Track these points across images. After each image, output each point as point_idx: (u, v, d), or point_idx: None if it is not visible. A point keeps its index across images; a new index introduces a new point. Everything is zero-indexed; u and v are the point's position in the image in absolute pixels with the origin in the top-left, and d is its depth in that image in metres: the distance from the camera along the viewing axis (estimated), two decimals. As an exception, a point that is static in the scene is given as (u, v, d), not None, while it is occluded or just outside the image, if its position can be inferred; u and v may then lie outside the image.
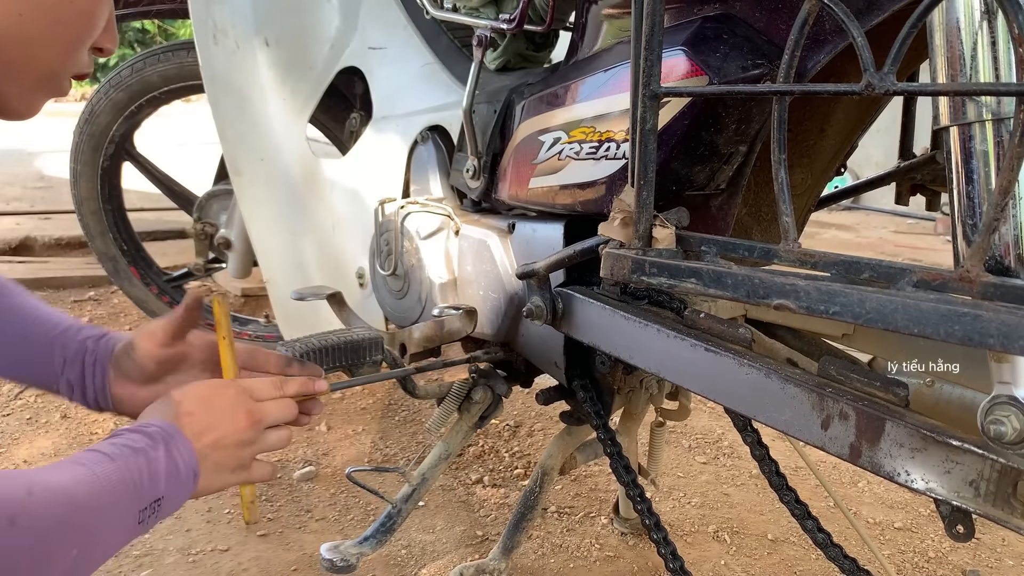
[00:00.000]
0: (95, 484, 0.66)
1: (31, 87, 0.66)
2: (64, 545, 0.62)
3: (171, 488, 0.73)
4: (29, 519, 0.59)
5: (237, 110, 1.85)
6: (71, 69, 0.68)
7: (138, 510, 0.69)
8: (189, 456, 0.75)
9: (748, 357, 0.81)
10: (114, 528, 0.67)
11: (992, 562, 1.70)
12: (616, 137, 1.02)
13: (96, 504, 0.65)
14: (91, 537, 0.64)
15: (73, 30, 0.65)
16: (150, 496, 0.70)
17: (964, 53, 0.67)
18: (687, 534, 1.74)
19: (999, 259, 0.66)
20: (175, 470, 0.74)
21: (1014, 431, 0.62)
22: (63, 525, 0.61)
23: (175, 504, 0.75)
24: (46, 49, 0.64)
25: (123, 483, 0.68)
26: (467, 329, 1.31)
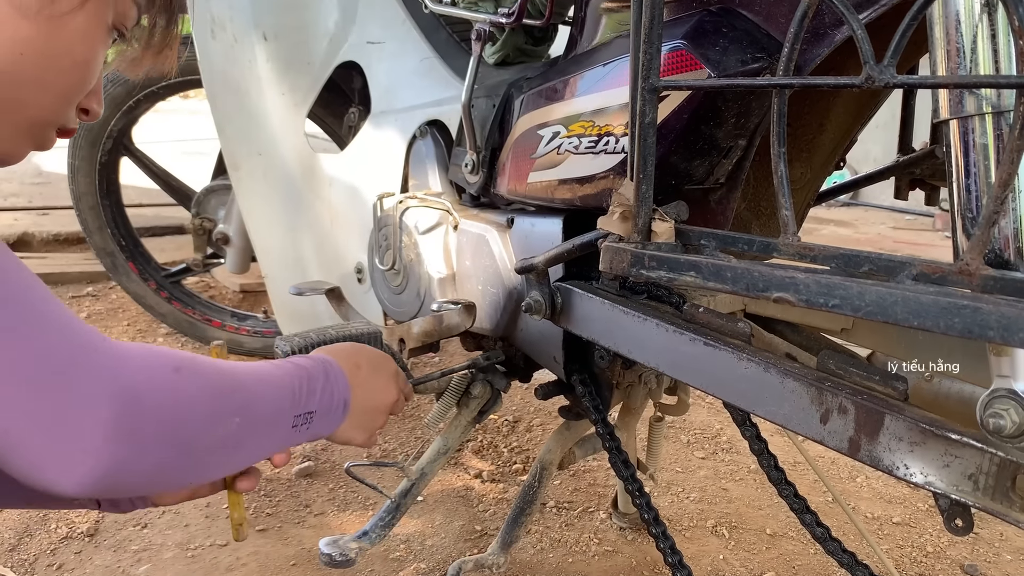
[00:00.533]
0: (258, 374, 0.73)
1: (18, 131, 0.67)
2: (226, 408, 0.67)
3: (323, 408, 0.81)
4: (192, 370, 0.65)
5: (235, 105, 1.85)
6: (58, 121, 0.69)
7: (293, 415, 0.76)
8: (345, 393, 0.84)
9: (747, 351, 0.81)
10: (272, 418, 0.74)
11: (990, 557, 1.70)
12: (615, 131, 1.02)
13: (256, 389, 0.72)
14: (251, 415, 0.70)
15: (67, 80, 0.67)
16: (305, 406, 0.78)
17: (964, 46, 0.67)
18: (686, 529, 1.74)
19: (999, 252, 0.66)
20: (329, 397, 0.82)
21: (1013, 424, 0.61)
22: (225, 390, 0.68)
23: (325, 427, 0.83)
24: (39, 94, 0.65)
25: (282, 386, 0.76)
26: (466, 324, 1.31)
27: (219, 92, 1.85)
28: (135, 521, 1.69)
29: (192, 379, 0.64)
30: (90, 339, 0.59)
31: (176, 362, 0.64)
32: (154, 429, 0.60)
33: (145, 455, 0.60)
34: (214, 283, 3.23)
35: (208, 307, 2.61)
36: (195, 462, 0.67)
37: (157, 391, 0.61)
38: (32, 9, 0.61)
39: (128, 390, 0.59)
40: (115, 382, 0.58)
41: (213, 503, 1.74)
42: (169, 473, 0.64)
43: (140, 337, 2.70)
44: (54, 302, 0.59)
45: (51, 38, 0.63)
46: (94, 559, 1.56)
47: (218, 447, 0.68)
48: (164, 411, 0.61)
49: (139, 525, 1.68)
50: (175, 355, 0.65)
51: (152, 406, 0.60)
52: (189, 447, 0.64)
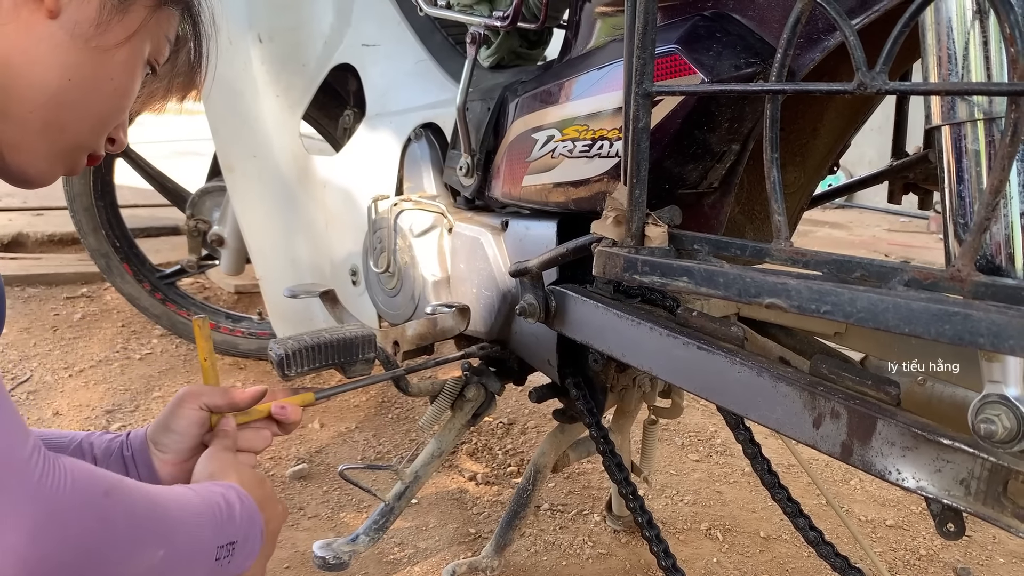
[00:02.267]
0: (181, 501, 0.68)
1: (56, 154, 0.70)
2: (152, 539, 0.62)
3: (244, 538, 0.74)
4: (121, 496, 0.60)
5: (230, 106, 1.84)
6: (92, 147, 0.73)
7: (216, 546, 0.70)
8: (260, 526, 0.77)
9: (740, 355, 0.81)
10: (195, 551, 0.68)
11: (983, 560, 1.70)
12: (609, 135, 1.02)
13: (181, 517, 0.67)
14: (175, 547, 0.65)
15: (107, 107, 0.71)
16: (227, 535, 0.71)
17: (956, 52, 0.67)
18: (680, 532, 1.74)
19: (990, 258, 0.66)
20: (251, 527, 0.75)
21: (1004, 430, 0.62)
22: (151, 520, 0.63)
23: (244, 557, 0.74)
24: (81, 119, 0.69)
25: (204, 513, 0.70)
26: (460, 327, 1.31)
27: (214, 94, 1.85)
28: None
29: (120, 505, 0.60)
30: (22, 455, 0.54)
31: (107, 485, 0.60)
32: (76, 559, 0.55)
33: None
34: (209, 284, 3.22)
35: (203, 308, 2.61)
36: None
37: (85, 517, 0.57)
38: (84, 39, 0.65)
39: (54, 514, 0.54)
40: (42, 504, 0.54)
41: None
42: None
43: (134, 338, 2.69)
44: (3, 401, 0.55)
45: (98, 67, 0.67)
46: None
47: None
48: (89, 539, 0.57)
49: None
50: (106, 477, 0.60)
51: (77, 533, 0.56)
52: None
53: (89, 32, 0.65)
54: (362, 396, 2.34)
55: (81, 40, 0.65)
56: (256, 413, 0.94)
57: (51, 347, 2.59)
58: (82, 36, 0.65)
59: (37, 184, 0.71)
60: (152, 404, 2.22)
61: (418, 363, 1.26)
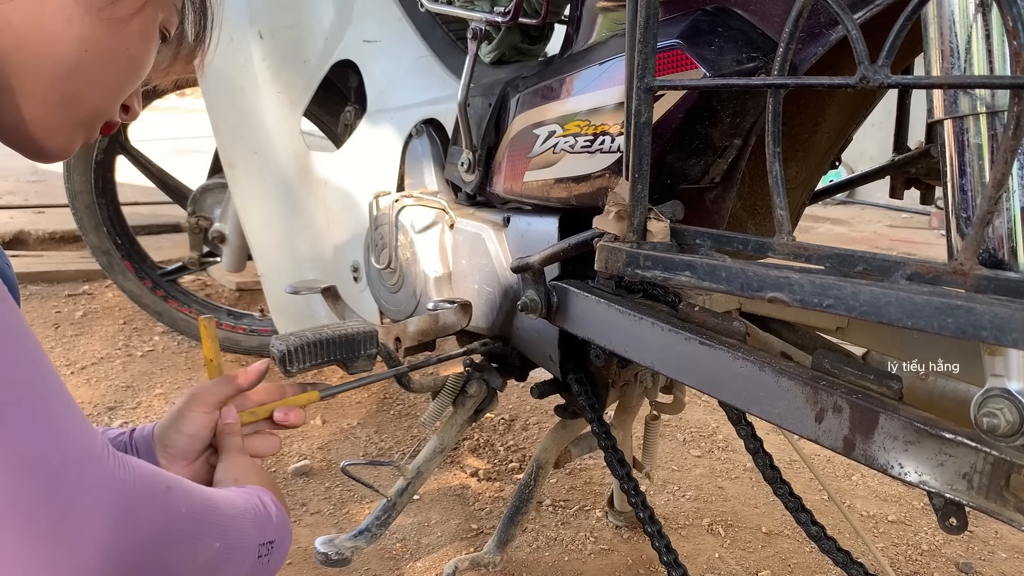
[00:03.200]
0: (228, 498, 0.71)
1: (76, 124, 0.71)
2: (209, 532, 0.64)
3: (281, 536, 0.76)
4: (182, 492, 0.62)
5: (231, 103, 1.84)
6: (108, 114, 0.73)
7: (259, 543, 0.72)
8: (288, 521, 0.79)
9: (742, 351, 0.81)
10: (243, 546, 0.70)
11: (985, 555, 1.70)
12: (611, 131, 1.02)
13: (231, 513, 0.69)
14: (228, 540, 0.67)
15: (123, 77, 0.71)
16: (268, 534, 0.74)
17: (958, 46, 0.67)
18: (681, 527, 1.75)
19: (993, 252, 0.66)
20: (283, 522, 0.78)
21: (1007, 424, 0.62)
22: (208, 514, 0.65)
23: (279, 558, 0.76)
24: (97, 88, 0.70)
25: (248, 511, 0.72)
26: (462, 323, 1.31)
27: (215, 90, 1.84)
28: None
29: (180, 499, 0.61)
30: (97, 442, 0.56)
31: (167, 480, 0.61)
32: (148, 553, 0.57)
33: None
34: (210, 281, 3.22)
35: (204, 305, 2.61)
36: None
37: (154, 511, 0.58)
38: (98, 10, 0.66)
39: (131, 507, 0.55)
40: (121, 497, 0.55)
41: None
42: None
43: (136, 336, 2.69)
44: (66, 396, 0.56)
45: (113, 38, 0.68)
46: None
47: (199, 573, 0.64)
48: (158, 533, 0.58)
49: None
50: (164, 474, 0.62)
51: (149, 526, 0.57)
52: (175, 571, 0.61)
53: (102, 3, 0.66)
54: (364, 393, 2.34)
55: (95, 11, 0.66)
56: (262, 412, 0.95)
57: (53, 344, 2.59)
58: (96, 8, 0.66)
59: (57, 157, 0.72)
60: (154, 401, 2.22)
61: (420, 360, 1.26)
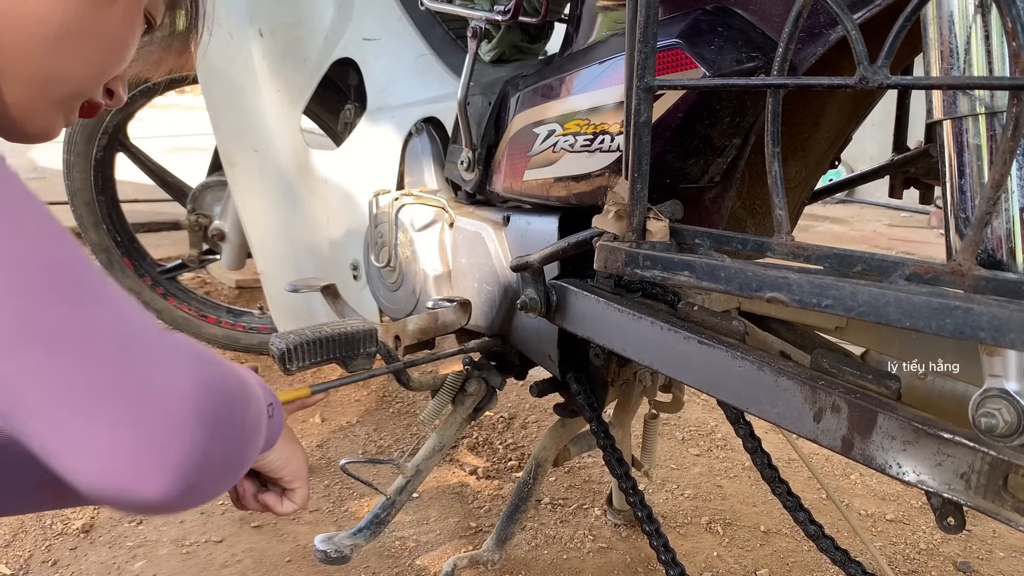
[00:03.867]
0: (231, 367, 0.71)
1: (56, 106, 0.70)
2: (243, 394, 0.65)
3: (272, 399, 0.79)
4: (212, 358, 0.62)
5: (231, 101, 1.84)
6: (89, 94, 0.73)
7: (266, 402, 0.74)
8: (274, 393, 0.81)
9: (741, 350, 0.81)
10: (260, 404, 0.71)
11: (983, 554, 1.71)
12: (611, 130, 1.02)
13: (244, 376, 0.69)
14: (251, 401, 0.68)
15: (106, 58, 0.71)
16: (266, 396, 0.75)
17: (958, 47, 0.67)
18: (680, 525, 1.75)
19: (991, 252, 0.66)
20: (270, 393, 0.79)
21: (1005, 424, 0.62)
22: (236, 376, 0.65)
23: (276, 425, 0.81)
24: (77, 68, 0.69)
25: (249, 378, 0.73)
26: (461, 321, 1.31)
27: (215, 88, 1.84)
28: (130, 517, 1.69)
29: (218, 367, 0.63)
30: (154, 322, 0.57)
31: (202, 351, 0.62)
32: (223, 411, 0.58)
33: (219, 442, 0.57)
34: (210, 279, 3.22)
35: (204, 303, 2.61)
36: (242, 449, 0.65)
37: (213, 374, 0.59)
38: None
39: (201, 370, 0.57)
40: (192, 362, 0.56)
41: (208, 499, 1.74)
42: (231, 465, 0.63)
43: (135, 333, 2.69)
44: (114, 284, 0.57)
45: (96, 18, 0.68)
46: (89, 555, 1.56)
47: (253, 429, 0.67)
48: (223, 393, 0.59)
49: (134, 521, 1.68)
50: (197, 348, 0.63)
51: (217, 386, 0.58)
52: (240, 430, 0.63)
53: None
54: (363, 391, 2.34)
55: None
56: None
57: (52, 342, 2.58)
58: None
59: (37, 138, 0.72)
60: (153, 398, 2.22)
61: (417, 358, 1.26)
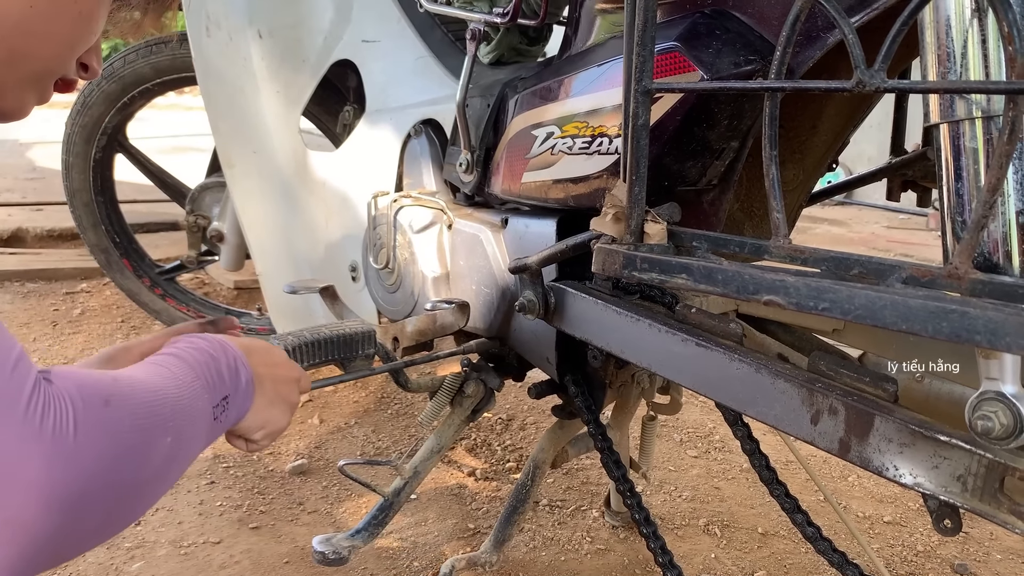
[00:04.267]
0: (174, 378, 0.69)
1: (24, 84, 0.68)
2: (158, 430, 0.63)
3: (235, 388, 0.77)
4: (121, 400, 0.60)
5: (230, 102, 1.84)
6: (60, 71, 0.71)
7: (211, 405, 0.73)
8: (247, 370, 0.80)
9: (739, 352, 0.81)
10: (197, 420, 0.70)
11: (980, 556, 1.71)
12: (609, 132, 1.02)
13: (178, 394, 0.68)
14: (180, 426, 0.66)
15: (71, 31, 0.69)
16: (220, 392, 0.74)
17: (954, 51, 0.67)
18: (678, 527, 1.75)
19: (988, 256, 0.66)
20: (236, 376, 0.78)
21: (1001, 427, 0.62)
22: (152, 409, 0.63)
23: (238, 409, 0.79)
24: (45, 44, 0.67)
25: (197, 378, 0.72)
26: (460, 323, 1.31)
27: (214, 89, 1.84)
28: (128, 518, 1.68)
29: (123, 410, 0.59)
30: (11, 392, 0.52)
31: (105, 392, 0.59)
32: (100, 482, 0.55)
33: (92, 513, 0.55)
34: (208, 280, 3.22)
35: (202, 304, 2.61)
36: (141, 497, 0.63)
37: (97, 437, 0.56)
38: None
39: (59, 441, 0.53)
40: (50, 440, 0.52)
41: (206, 500, 1.74)
42: (119, 518, 0.60)
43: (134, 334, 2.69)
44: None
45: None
46: (87, 557, 1.56)
47: (158, 473, 0.64)
48: (107, 459, 0.56)
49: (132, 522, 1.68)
50: (102, 384, 0.60)
51: (95, 456, 0.55)
52: (133, 486, 0.60)
53: None
54: (361, 392, 2.34)
55: None
56: None
57: (50, 342, 2.59)
58: None
59: (10, 117, 0.70)
60: (152, 399, 2.22)
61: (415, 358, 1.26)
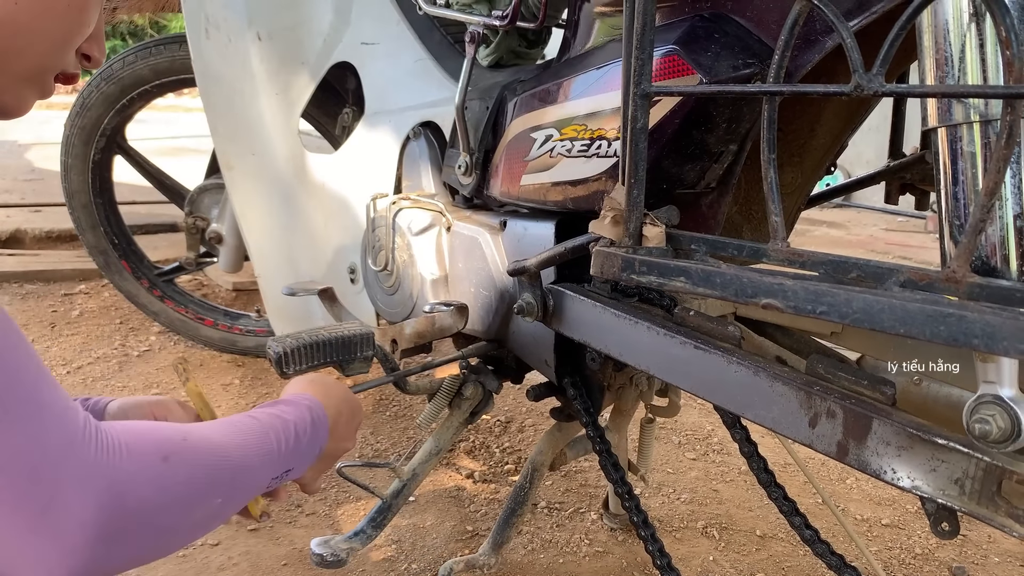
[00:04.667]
0: (244, 442, 0.73)
1: (19, 80, 0.68)
2: (211, 492, 0.67)
3: (299, 464, 0.81)
4: (181, 460, 0.63)
5: (229, 104, 1.84)
6: (57, 66, 0.70)
7: (271, 477, 0.76)
8: (324, 443, 0.86)
9: (737, 355, 0.81)
10: (251, 489, 0.74)
11: (978, 559, 1.71)
12: (607, 135, 1.02)
13: (243, 464, 0.72)
14: (234, 490, 0.70)
15: (63, 24, 0.67)
16: (285, 464, 0.78)
17: (952, 55, 0.68)
18: (676, 530, 1.75)
19: (985, 259, 0.66)
20: (309, 450, 0.83)
21: (999, 430, 0.62)
22: (212, 473, 0.67)
23: (295, 475, 0.83)
24: (36, 40, 0.66)
25: (268, 452, 0.75)
26: (458, 325, 1.31)
27: (213, 91, 1.84)
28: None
29: (180, 468, 0.63)
30: (79, 430, 0.57)
31: (166, 450, 0.62)
32: (137, 525, 0.59)
33: (126, 550, 0.59)
34: (207, 282, 3.22)
35: (201, 306, 2.61)
36: (172, 543, 0.66)
37: (143, 486, 0.60)
38: None
39: (114, 488, 0.57)
40: (103, 480, 0.56)
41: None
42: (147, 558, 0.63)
43: (132, 335, 2.69)
44: (46, 383, 0.57)
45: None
46: (85, 558, 1.56)
47: (195, 526, 0.67)
48: (148, 506, 0.60)
49: (130, 524, 1.67)
50: (166, 440, 0.63)
51: (137, 501, 0.59)
52: (169, 533, 0.64)
53: None
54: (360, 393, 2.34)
55: None
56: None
57: (49, 343, 2.58)
58: None
59: (11, 114, 0.70)
60: (150, 401, 2.21)
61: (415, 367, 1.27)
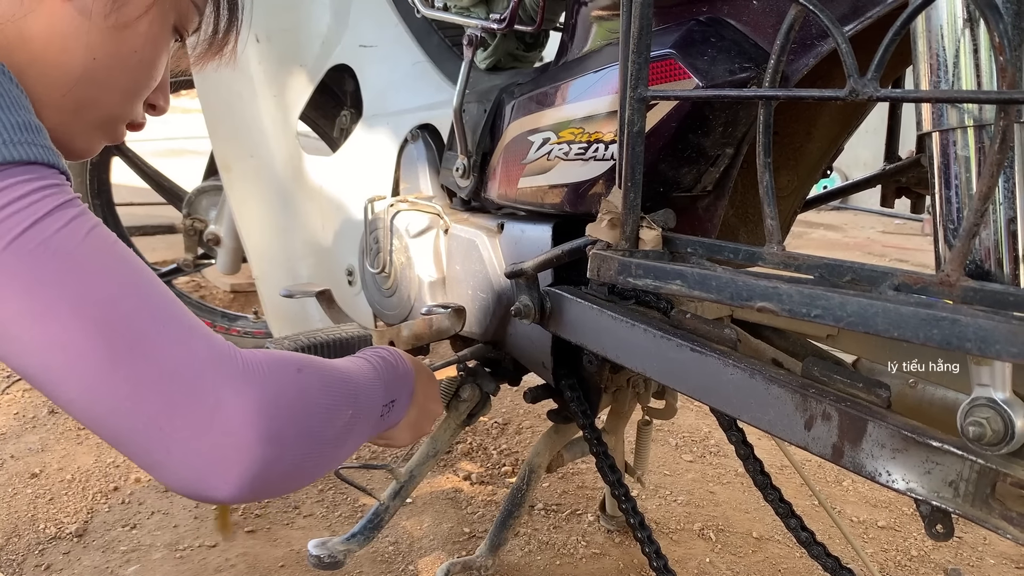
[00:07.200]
0: (360, 371, 0.82)
1: (92, 128, 0.74)
2: (343, 402, 0.74)
3: (400, 397, 0.89)
4: (313, 370, 0.71)
5: (227, 106, 1.85)
6: (127, 116, 0.76)
7: (383, 404, 0.83)
8: (411, 384, 0.93)
9: (733, 357, 0.82)
10: (373, 408, 0.81)
11: (974, 560, 1.71)
12: (604, 138, 1.03)
13: (361, 382, 0.79)
14: (360, 405, 0.77)
15: (134, 79, 0.74)
16: (391, 394, 0.86)
17: (947, 60, 0.68)
18: (672, 532, 1.75)
19: (979, 263, 0.67)
20: (405, 385, 0.91)
21: (993, 432, 0.62)
22: (339, 385, 0.74)
23: (396, 416, 0.90)
24: (110, 92, 0.72)
25: (378, 377, 0.84)
26: (456, 327, 1.32)
27: (211, 93, 1.85)
28: (124, 522, 1.69)
29: (312, 377, 0.70)
30: (224, 345, 0.63)
31: (297, 363, 0.69)
32: (292, 427, 0.65)
33: (287, 452, 0.65)
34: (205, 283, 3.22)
35: (199, 307, 2.61)
36: (322, 454, 0.71)
37: (289, 391, 0.66)
38: (102, 18, 0.68)
39: (267, 392, 0.63)
40: (257, 386, 0.62)
41: (202, 504, 1.74)
42: (305, 468, 0.69)
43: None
44: (186, 310, 0.63)
45: (120, 42, 0.70)
46: (83, 560, 1.56)
47: (338, 438, 0.73)
48: (297, 409, 0.66)
49: (128, 526, 1.68)
50: (294, 358, 0.70)
51: (287, 405, 0.65)
52: (318, 440, 0.69)
53: (106, 10, 0.68)
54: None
55: (99, 19, 0.68)
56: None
57: (46, 345, 2.58)
58: (99, 14, 0.67)
59: (81, 156, 0.76)
60: (147, 403, 2.21)
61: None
